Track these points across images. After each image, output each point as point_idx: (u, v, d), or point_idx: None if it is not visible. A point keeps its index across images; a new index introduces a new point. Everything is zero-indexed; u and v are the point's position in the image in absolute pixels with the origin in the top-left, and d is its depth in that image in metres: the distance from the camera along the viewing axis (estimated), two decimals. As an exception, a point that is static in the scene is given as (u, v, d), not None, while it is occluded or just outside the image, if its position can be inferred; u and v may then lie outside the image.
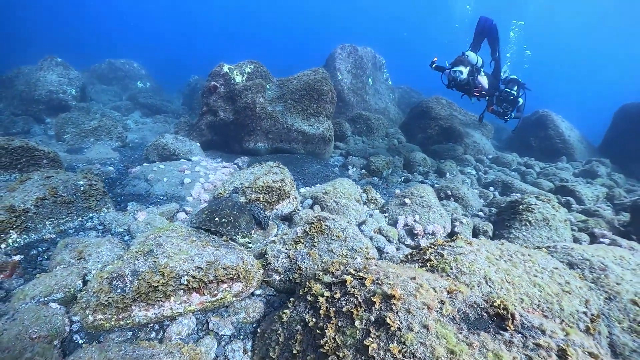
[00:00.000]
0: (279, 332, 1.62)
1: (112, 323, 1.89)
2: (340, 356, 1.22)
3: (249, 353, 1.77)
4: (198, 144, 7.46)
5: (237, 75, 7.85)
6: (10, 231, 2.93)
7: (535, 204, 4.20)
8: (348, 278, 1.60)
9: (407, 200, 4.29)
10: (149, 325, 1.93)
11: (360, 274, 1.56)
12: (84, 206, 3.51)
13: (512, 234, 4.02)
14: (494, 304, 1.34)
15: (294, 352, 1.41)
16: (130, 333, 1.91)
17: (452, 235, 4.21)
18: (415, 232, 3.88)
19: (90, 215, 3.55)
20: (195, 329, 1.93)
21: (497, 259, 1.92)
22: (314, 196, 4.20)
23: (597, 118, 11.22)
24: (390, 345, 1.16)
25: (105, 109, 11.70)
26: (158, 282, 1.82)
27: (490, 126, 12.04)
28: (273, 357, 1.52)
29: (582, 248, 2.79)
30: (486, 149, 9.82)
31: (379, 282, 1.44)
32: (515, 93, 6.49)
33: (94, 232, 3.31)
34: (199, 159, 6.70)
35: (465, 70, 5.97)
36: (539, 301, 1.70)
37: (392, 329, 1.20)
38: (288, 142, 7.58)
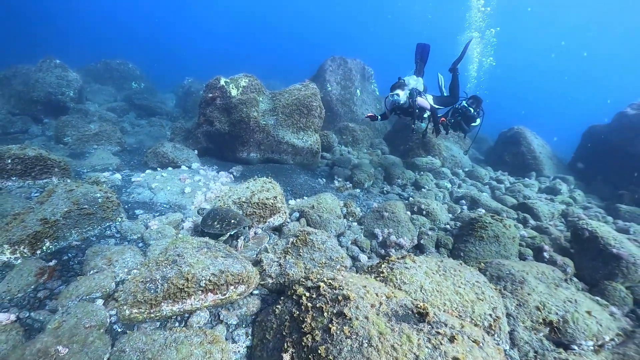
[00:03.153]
0: (272, 321, 2.29)
1: (144, 316, 2.50)
2: (314, 334, 1.89)
3: (250, 336, 2.44)
4: (195, 152, 8.02)
5: (232, 88, 8.39)
6: (45, 239, 3.45)
7: (489, 222, 4.92)
8: (322, 284, 2.27)
9: (381, 214, 5.00)
10: (172, 317, 2.55)
11: (330, 281, 2.23)
12: (102, 216, 4.04)
13: (467, 248, 4.74)
14: (418, 305, 2.04)
15: (284, 333, 2.08)
16: (158, 323, 2.53)
17: (418, 246, 4.94)
18: (387, 243, 4.59)
19: (108, 224, 4.09)
20: (209, 319, 2.58)
21: (433, 273, 2.63)
22: (301, 210, 4.86)
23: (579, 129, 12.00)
24: (344, 328, 1.84)
25: (101, 110, 11.98)
26: (183, 285, 2.45)
27: (469, 140, 12.93)
28: (268, 337, 2.18)
29: (512, 264, 3.54)
30: (463, 162, 10.60)
31: (341, 287, 2.11)
32: (472, 111, 6.62)
33: (113, 239, 3.86)
34: (197, 167, 7.26)
35: (402, 94, 5.94)
36: (457, 305, 2.42)
37: (346, 318, 1.88)
38: (278, 153, 8.21)
